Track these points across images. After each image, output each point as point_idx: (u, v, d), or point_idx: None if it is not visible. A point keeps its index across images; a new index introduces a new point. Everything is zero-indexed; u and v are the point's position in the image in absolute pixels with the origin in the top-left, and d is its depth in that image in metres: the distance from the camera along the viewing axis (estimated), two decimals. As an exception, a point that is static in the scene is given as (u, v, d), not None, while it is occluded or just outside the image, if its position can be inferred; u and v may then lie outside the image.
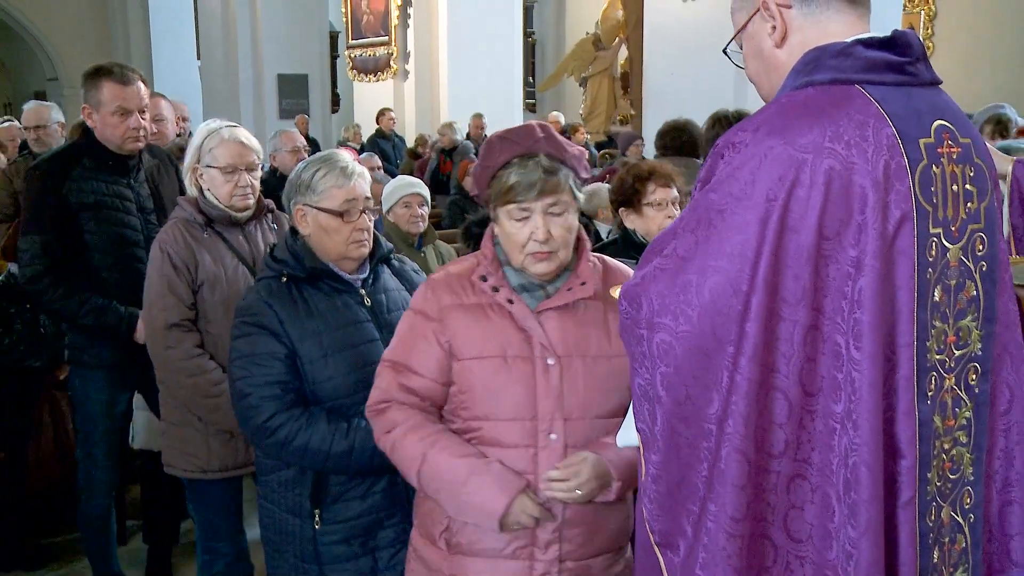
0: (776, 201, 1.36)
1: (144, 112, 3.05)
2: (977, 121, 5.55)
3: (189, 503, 2.75)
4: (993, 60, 11.20)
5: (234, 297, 2.57)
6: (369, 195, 2.28)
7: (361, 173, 2.26)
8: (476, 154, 8.28)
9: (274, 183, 4.37)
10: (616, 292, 1.76)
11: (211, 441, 2.66)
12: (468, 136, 9.74)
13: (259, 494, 2.33)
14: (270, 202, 2.84)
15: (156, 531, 3.65)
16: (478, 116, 9.88)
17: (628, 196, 2.98)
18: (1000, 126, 5.45)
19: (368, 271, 2.29)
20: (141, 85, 3.07)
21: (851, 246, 1.38)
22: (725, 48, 1.63)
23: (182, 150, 4.15)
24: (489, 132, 2.52)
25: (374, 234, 2.30)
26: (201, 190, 2.68)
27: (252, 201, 2.72)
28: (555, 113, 11.41)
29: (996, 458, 1.55)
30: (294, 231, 2.28)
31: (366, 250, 2.26)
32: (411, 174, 7.70)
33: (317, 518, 2.20)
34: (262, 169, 2.95)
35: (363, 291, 2.27)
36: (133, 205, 3.05)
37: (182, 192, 3.14)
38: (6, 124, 6.07)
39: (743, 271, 1.37)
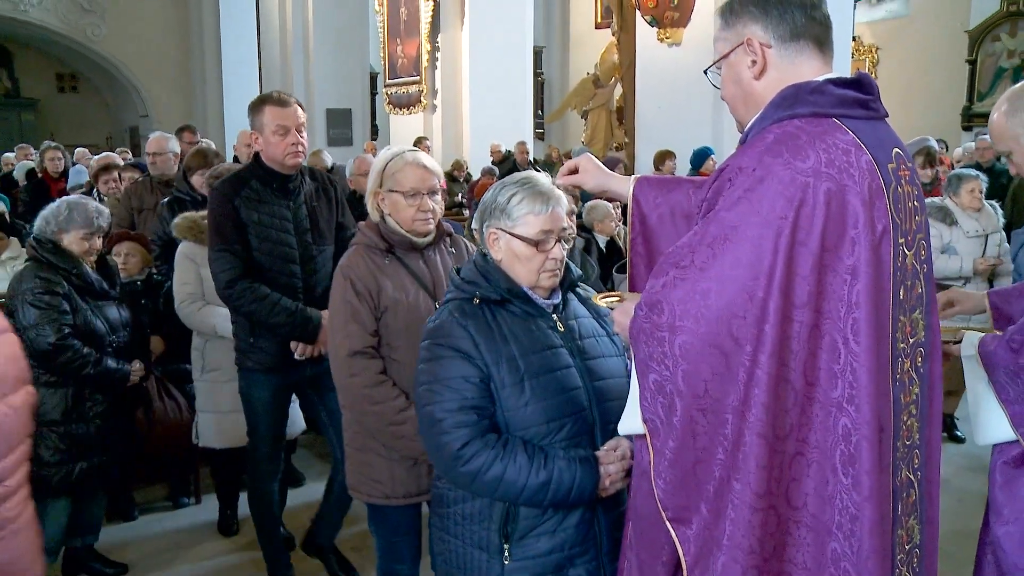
0: (787, 219, 1.36)
1: (301, 131, 2.90)
2: (912, 149, 5.58)
3: (370, 525, 2.48)
4: (924, 100, 11.57)
5: (416, 323, 2.24)
6: (566, 223, 1.88)
7: (559, 199, 1.86)
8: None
9: (354, 203, 4.26)
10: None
11: (395, 468, 2.33)
12: (499, 161, 9.80)
13: (435, 525, 1.95)
14: (448, 226, 2.51)
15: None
16: (521, 143, 10.09)
17: None
18: (929, 157, 5.47)
19: (559, 297, 1.93)
20: (298, 108, 2.94)
21: (847, 256, 1.39)
22: (706, 70, 1.62)
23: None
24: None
25: (565, 261, 1.92)
26: (383, 215, 2.37)
27: (433, 226, 2.37)
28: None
29: (933, 425, 1.59)
30: (484, 253, 1.91)
31: (557, 280, 1.89)
32: (451, 195, 7.73)
33: (507, 553, 1.81)
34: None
35: (555, 316, 1.89)
36: (291, 225, 2.89)
37: (338, 213, 3.07)
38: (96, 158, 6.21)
39: (758, 280, 1.36)
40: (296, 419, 3.51)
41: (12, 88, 17.96)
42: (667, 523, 1.47)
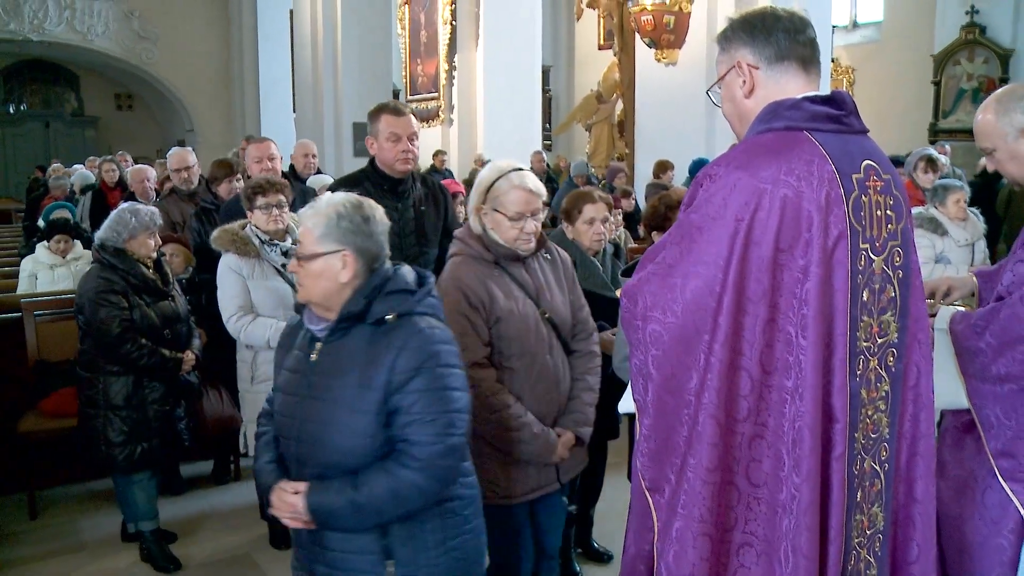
0: (743, 221, 1.38)
1: (414, 139, 2.80)
2: (912, 159, 5.54)
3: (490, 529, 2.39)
4: (895, 116, 11.63)
5: (526, 332, 2.17)
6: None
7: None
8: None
9: (289, 177, 4.28)
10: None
11: (510, 468, 2.23)
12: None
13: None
14: (543, 233, 2.35)
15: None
16: (537, 153, 10.02)
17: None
18: (932, 163, 5.41)
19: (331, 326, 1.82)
20: (412, 118, 2.83)
21: (800, 257, 1.39)
22: (708, 90, 1.64)
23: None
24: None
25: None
26: (484, 228, 2.22)
27: (534, 244, 2.24)
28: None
29: (907, 421, 1.56)
30: None
31: None
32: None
33: None
34: None
35: (317, 344, 1.82)
36: (396, 226, 2.66)
37: (446, 220, 2.94)
38: (132, 168, 6.23)
39: (716, 276, 1.39)
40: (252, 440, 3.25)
41: (78, 107, 18.26)
42: (645, 492, 1.50)
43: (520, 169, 2.20)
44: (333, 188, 2.78)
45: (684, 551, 1.42)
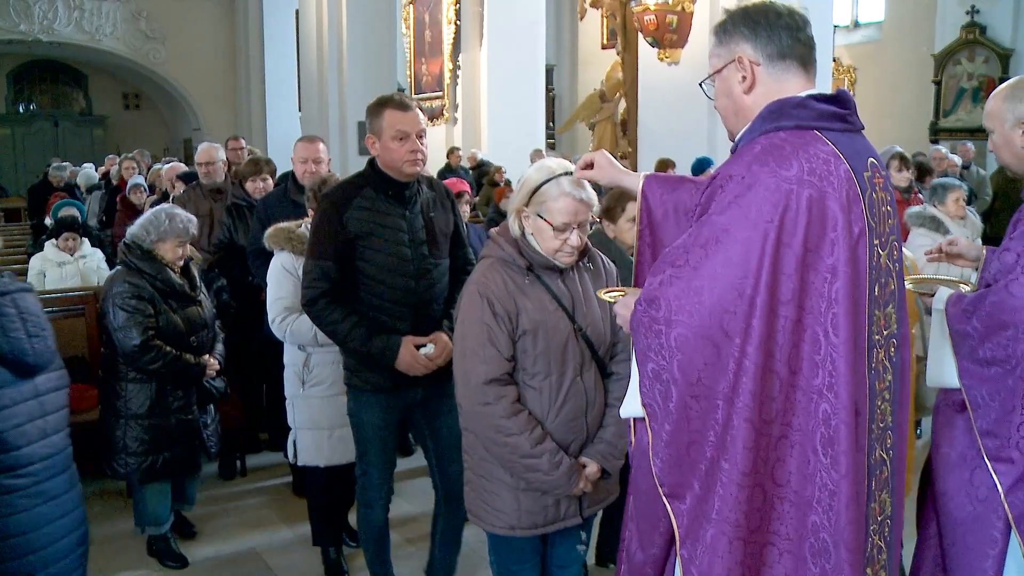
0: (773, 222, 1.36)
1: (422, 137, 2.40)
2: (883, 158, 5.52)
3: (491, 554, 2.15)
4: (896, 115, 11.59)
5: (556, 348, 1.95)
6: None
7: None
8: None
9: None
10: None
11: (521, 497, 2.00)
12: (475, 167, 9.77)
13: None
14: (586, 241, 2.08)
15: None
16: (538, 151, 9.87)
17: None
18: (904, 161, 5.40)
19: None
20: (419, 113, 2.44)
21: (827, 256, 1.38)
22: (701, 83, 1.60)
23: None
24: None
25: None
26: (523, 231, 1.99)
27: (575, 258, 2.01)
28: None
29: (904, 408, 1.59)
30: None
31: None
32: (489, 201, 7.66)
33: None
34: None
35: None
36: (406, 236, 2.42)
37: (456, 227, 2.59)
38: (167, 165, 6.21)
39: (747, 278, 1.36)
40: (302, 448, 2.99)
41: (86, 107, 18.31)
42: (663, 498, 1.46)
43: (570, 173, 1.93)
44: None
45: (719, 557, 1.40)
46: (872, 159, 1.50)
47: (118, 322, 2.95)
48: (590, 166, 1.87)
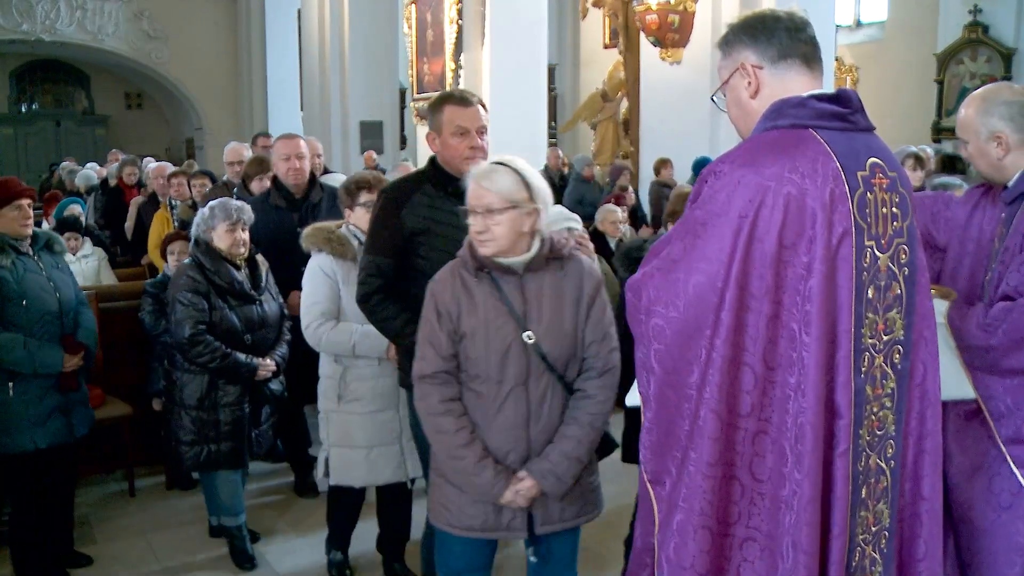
0: (747, 218, 1.37)
1: (483, 133, 2.35)
2: (898, 157, 5.49)
3: (436, 555, 2.14)
4: (899, 115, 11.52)
5: (494, 354, 1.90)
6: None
7: None
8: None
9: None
10: None
11: (462, 498, 1.99)
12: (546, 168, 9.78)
13: None
14: (564, 248, 2.03)
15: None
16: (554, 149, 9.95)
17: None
18: (919, 161, 5.38)
19: None
20: (480, 109, 2.37)
21: (804, 253, 1.38)
22: (712, 96, 1.63)
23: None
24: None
25: None
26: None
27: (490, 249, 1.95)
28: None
29: (913, 418, 1.55)
30: None
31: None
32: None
33: None
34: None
35: None
36: (464, 233, 2.26)
37: None
38: (153, 165, 6.26)
39: (719, 272, 1.38)
40: (335, 467, 2.86)
41: (88, 107, 18.33)
42: (647, 484, 1.50)
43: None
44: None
45: (684, 543, 1.42)
46: (875, 159, 1.49)
47: (176, 314, 3.02)
48: None
